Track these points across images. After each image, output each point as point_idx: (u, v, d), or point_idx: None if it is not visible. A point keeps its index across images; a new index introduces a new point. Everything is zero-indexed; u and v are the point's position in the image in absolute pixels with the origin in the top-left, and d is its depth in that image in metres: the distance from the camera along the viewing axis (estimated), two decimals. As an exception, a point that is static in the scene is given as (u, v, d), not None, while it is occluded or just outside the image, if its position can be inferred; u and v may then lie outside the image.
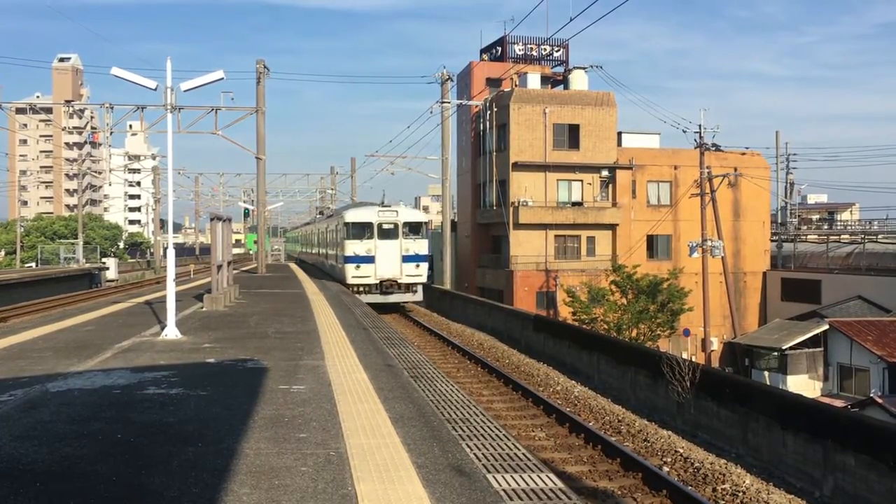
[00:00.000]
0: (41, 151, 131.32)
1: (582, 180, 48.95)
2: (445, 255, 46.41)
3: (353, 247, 31.14)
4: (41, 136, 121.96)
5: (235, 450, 6.76)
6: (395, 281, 31.14)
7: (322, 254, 44.30)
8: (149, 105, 32.35)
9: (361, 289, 30.82)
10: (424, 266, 31.62)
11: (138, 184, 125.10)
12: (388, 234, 31.16)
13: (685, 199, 46.97)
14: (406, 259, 31.14)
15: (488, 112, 49.63)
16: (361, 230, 31.33)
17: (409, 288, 31.55)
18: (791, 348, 36.90)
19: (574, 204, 48.73)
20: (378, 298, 30.71)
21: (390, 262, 31.05)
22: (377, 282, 31.05)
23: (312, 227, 55.53)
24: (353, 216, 32.11)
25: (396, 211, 32.39)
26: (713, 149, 42.52)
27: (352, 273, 31.09)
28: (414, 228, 31.67)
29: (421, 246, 31.48)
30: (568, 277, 45.10)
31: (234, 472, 6.15)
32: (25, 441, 7.07)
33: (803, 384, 34.74)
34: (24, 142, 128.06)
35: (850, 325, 33.74)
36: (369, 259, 31.05)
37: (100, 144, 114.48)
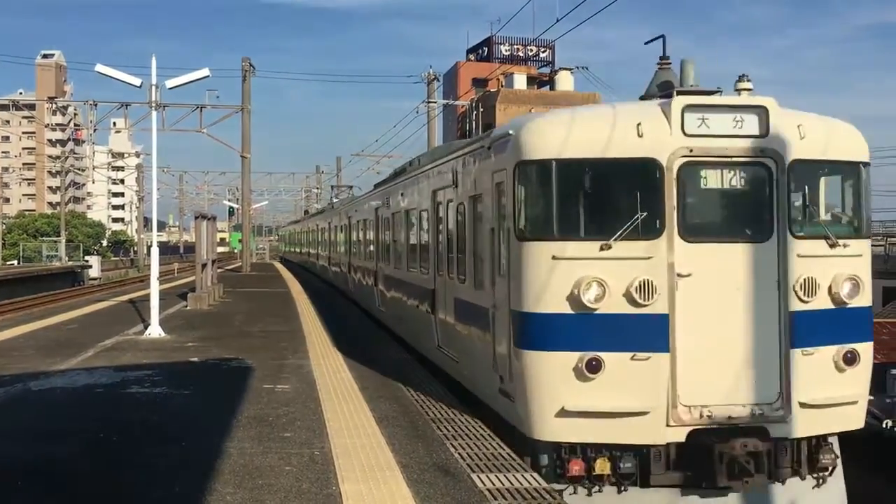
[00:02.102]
0: (24, 148, 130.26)
1: (568, 181, 48.94)
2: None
3: (565, 271, 6.69)
4: (24, 132, 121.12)
5: (219, 449, 6.74)
6: (762, 427, 6.80)
7: (379, 281, 16.66)
8: (133, 102, 32.05)
9: (598, 463, 6.77)
10: (867, 356, 7.44)
11: (122, 182, 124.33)
12: (727, 215, 7.26)
13: (670, 200, 47.12)
14: (804, 322, 6.94)
15: (474, 112, 49.58)
16: (602, 198, 7.20)
17: (811, 461, 7.58)
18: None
19: (560, 204, 48.61)
20: None
21: (737, 343, 6.77)
22: (683, 435, 6.68)
23: (338, 216, 26.35)
24: (556, 132, 6.98)
25: (761, 108, 6.84)
26: (698, 150, 42.75)
27: (560, 395, 6.71)
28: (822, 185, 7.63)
29: (857, 266, 7.25)
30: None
31: (218, 471, 6.13)
32: (6, 440, 7.03)
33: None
34: (7, 138, 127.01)
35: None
36: (644, 330, 6.65)
37: (83, 142, 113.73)
